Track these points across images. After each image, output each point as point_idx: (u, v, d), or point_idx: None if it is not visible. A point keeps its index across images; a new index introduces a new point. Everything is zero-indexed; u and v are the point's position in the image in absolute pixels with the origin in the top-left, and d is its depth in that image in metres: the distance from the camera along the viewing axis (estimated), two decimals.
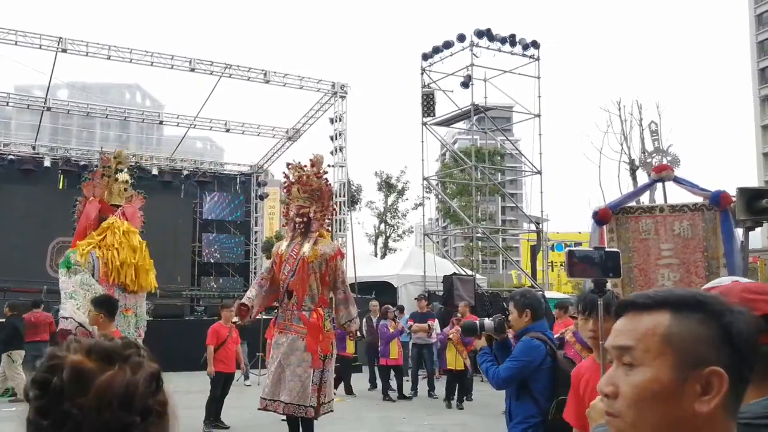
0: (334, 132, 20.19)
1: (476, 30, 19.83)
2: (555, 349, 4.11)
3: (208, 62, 18.33)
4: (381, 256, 35.67)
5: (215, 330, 9.73)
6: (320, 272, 6.98)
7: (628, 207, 5.59)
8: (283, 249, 7.12)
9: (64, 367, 1.03)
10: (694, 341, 1.07)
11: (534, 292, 4.52)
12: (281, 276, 7.05)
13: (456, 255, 51.73)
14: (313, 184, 7.14)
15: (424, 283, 19.14)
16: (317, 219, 7.13)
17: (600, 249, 2.97)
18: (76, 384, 1.02)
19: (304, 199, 7.10)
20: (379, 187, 38.55)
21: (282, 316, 7.06)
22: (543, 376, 4.00)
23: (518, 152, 23.90)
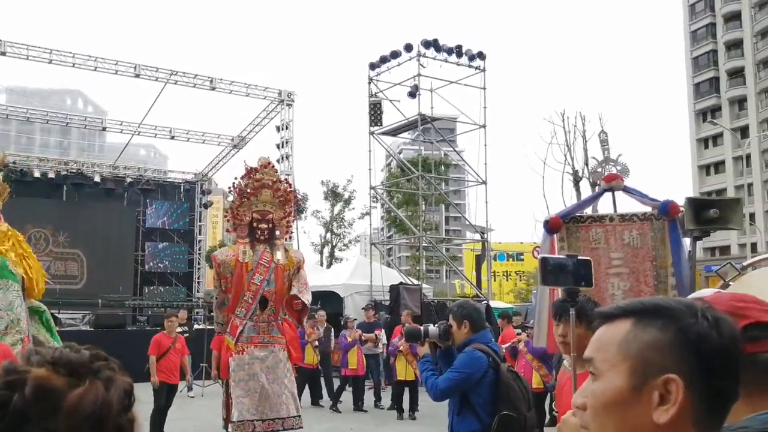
0: (280, 140, 20.07)
1: (423, 40, 20.00)
2: (498, 361, 3.97)
3: (153, 68, 18.02)
4: (327, 265, 35.53)
5: (157, 340, 9.52)
6: (290, 280, 6.82)
7: (578, 216, 5.63)
8: (248, 257, 6.69)
9: (26, 383, 0.89)
10: (650, 348, 1.03)
11: (472, 303, 4.38)
12: (249, 286, 6.63)
13: (401, 264, 51.90)
14: (280, 188, 6.95)
15: (370, 293, 19.11)
16: (282, 226, 6.93)
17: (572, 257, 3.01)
18: (42, 403, 0.88)
19: (272, 205, 6.84)
20: (325, 196, 38.46)
21: (254, 328, 6.65)
22: (485, 389, 3.86)
23: (463, 162, 24.17)
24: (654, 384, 1.01)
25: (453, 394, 3.96)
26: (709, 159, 58.13)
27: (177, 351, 9.70)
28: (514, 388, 3.87)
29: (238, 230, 6.91)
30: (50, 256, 20.11)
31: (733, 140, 50.90)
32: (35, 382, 0.89)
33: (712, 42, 58.57)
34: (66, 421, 0.88)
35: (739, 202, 6.04)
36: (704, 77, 58.57)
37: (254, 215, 6.74)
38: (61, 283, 19.60)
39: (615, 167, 5.52)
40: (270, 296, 6.66)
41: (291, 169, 20.04)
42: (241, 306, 6.64)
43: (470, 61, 20.84)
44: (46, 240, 20.19)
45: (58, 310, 16.53)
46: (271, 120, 20.68)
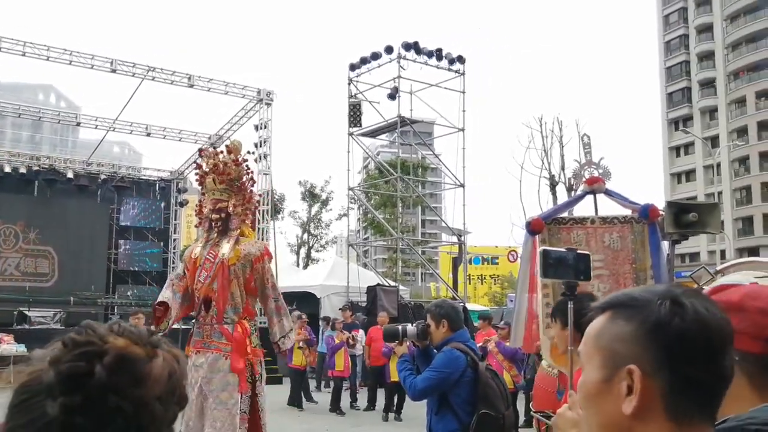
0: (258, 139, 19.90)
1: (404, 42, 20.03)
2: (477, 360, 3.95)
3: (130, 63, 17.76)
4: (304, 266, 35.41)
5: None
6: (244, 277, 5.80)
7: (560, 218, 5.67)
8: (198, 252, 5.90)
9: (106, 353, 0.87)
10: (617, 340, 1.05)
11: (450, 302, 4.39)
12: (196, 285, 5.81)
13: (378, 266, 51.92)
14: (231, 173, 5.95)
15: (347, 294, 19.07)
16: (237, 214, 5.97)
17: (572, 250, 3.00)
18: (126, 373, 0.87)
19: (221, 192, 5.92)
20: (302, 197, 38.38)
21: (198, 332, 5.78)
22: (463, 388, 3.85)
23: (441, 165, 24.22)
24: (620, 375, 1.02)
25: (432, 393, 3.94)
26: (680, 167, 59.38)
27: None
28: (493, 387, 3.87)
29: (202, 224, 6.21)
30: (20, 252, 19.74)
31: (704, 149, 51.87)
32: (117, 352, 0.88)
33: (685, 53, 60.00)
34: (152, 390, 0.88)
35: (717, 207, 6.15)
36: (677, 87, 59.95)
37: (209, 206, 5.96)
38: (31, 280, 19.26)
39: (597, 170, 5.56)
40: (213, 296, 5.71)
41: (269, 168, 19.90)
42: (195, 307, 5.91)
43: (450, 65, 20.92)
44: (16, 236, 19.81)
45: (28, 307, 16.25)
46: (250, 119, 20.51)
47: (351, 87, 21.15)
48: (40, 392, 0.86)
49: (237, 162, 6.00)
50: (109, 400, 0.85)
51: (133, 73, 17.75)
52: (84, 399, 0.84)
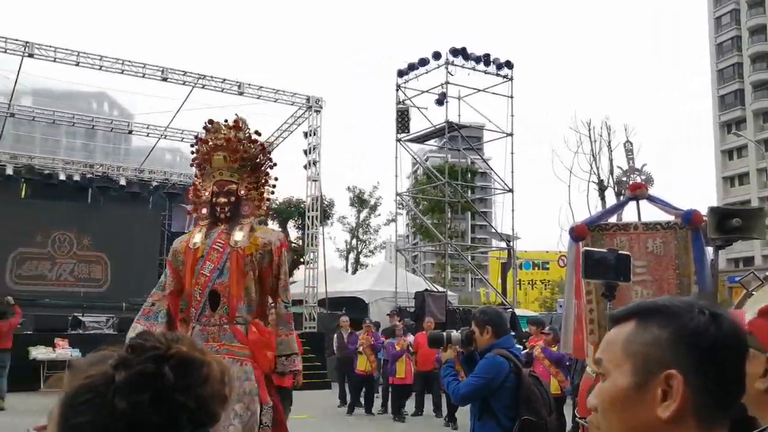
0: (307, 146, 20.08)
1: (452, 48, 20.01)
2: (520, 366, 3.98)
3: (181, 72, 18.10)
4: (352, 271, 35.56)
5: None
6: (261, 270, 4.99)
7: (603, 224, 5.67)
8: (199, 241, 5.00)
9: (172, 357, 0.98)
10: (650, 345, 1.06)
11: (494, 308, 4.44)
12: (198, 279, 4.92)
13: (426, 271, 51.80)
14: (247, 150, 5.11)
15: (395, 299, 19.06)
16: (251, 199, 5.13)
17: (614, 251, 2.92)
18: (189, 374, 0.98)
19: (232, 172, 5.08)
20: (351, 203, 38.58)
21: (201, 334, 4.85)
22: (505, 394, 3.87)
23: (490, 170, 24.02)
24: (656, 381, 1.03)
25: (474, 398, 3.98)
26: (733, 170, 58.19)
27: None
28: (535, 393, 3.88)
29: (198, 210, 5.24)
30: (74, 258, 20.29)
31: (757, 152, 50.71)
32: (181, 356, 0.99)
33: (738, 54, 58.84)
34: (211, 390, 0.99)
35: (762, 212, 6.08)
36: (729, 89, 58.88)
37: (213, 189, 5.07)
38: (85, 286, 19.76)
39: (640, 176, 5.52)
40: (222, 290, 4.85)
41: (318, 175, 20.04)
42: (192, 305, 4.97)
43: (498, 70, 20.83)
44: (70, 243, 20.37)
45: (82, 313, 16.66)
46: (299, 126, 20.70)
47: (399, 93, 21.19)
48: (105, 392, 0.94)
49: (252, 139, 5.18)
50: (175, 398, 0.96)
51: (184, 81, 18.09)
52: (153, 397, 0.95)
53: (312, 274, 19.65)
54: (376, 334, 13.21)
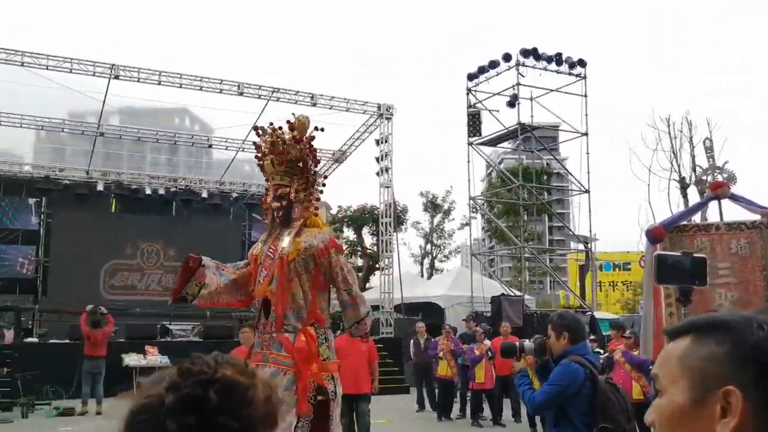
0: (379, 153, 20.28)
1: (522, 49, 19.82)
2: (596, 373, 3.89)
3: (256, 86, 18.63)
4: (427, 276, 35.55)
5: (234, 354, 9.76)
6: (308, 274, 4.82)
7: (682, 225, 5.47)
8: (259, 248, 5.04)
9: (218, 381, 1.02)
10: (708, 361, 1.04)
11: (572, 313, 4.30)
12: (256, 286, 4.93)
13: (503, 275, 51.21)
14: (291, 152, 4.96)
15: (471, 304, 18.99)
16: (300, 201, 4.98)
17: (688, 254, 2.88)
18: (233, 397, 1.01)
19: (282, 175, 4.96)
20: (425, 208, 38.54)
21: (258, 342, 4.90)
22: (582, 401, 3.78)
23: (566, 171, 23.63)
24: (714, 397, 1.01)
25: (550, 406, 3.92)
26: None
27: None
28: (612, 400, 3.78)
29: (267, 216, 5.24)
30: (161, 269, 21.13)
31: None
32: (226, 380, 1.02)
33: None
34: (256, 412, 1.02)
35: None
36: None
37: (271, 193, 5.04)
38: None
39: (721, 175, 5.29)
40: (272, 298, 4.77)
41: (390, 181, 20.21)
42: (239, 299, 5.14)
43: (570, 69, 20.51)
44: (157, 254, 21.23)
45: (169, 321, 17.32)
46: (371, 134, 20.95)
47: (469, 96, 21.13)
48: (158, 413, 0.99)
49: (296, 139, 4.99)
50: (220, 421, 0.99)
51: (259, 95, 18.59)
52: (199, 419, 0.98)
53: (387, 280, 19.81)
54: (455, 339, 13.16)
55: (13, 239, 20.81)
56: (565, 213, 46.77)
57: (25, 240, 20.99)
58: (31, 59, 16.45)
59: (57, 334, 17.20)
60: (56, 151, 22.15)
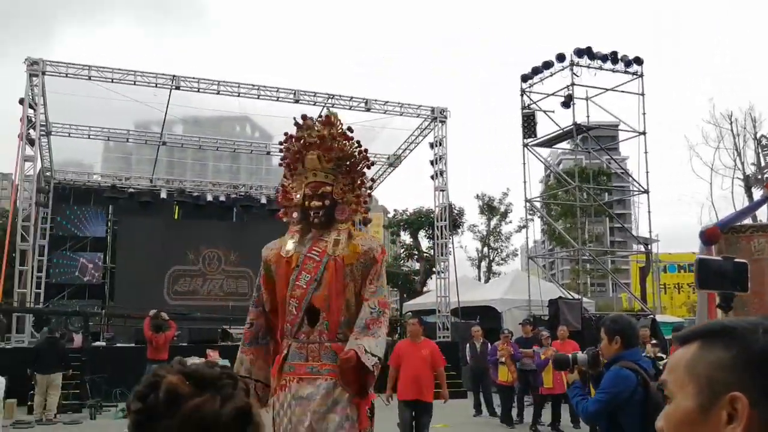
0: (434, 156, 20.32)
1: (576, 49, 19.58)
2: (648, 379, 3.76)
3: (311, 93, 18.93)
4: (484, 280, 35.30)
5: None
6: (361, 280, 4.41)
7: (738, 226, 5.31)
8: (291, 249, 4.50)
9: (162, 385, 1.08)
10: (715, 367, 1.03)
11: (627, 318, 4.17)
12: (293, 291, 4.36)
13: (563, 278, 50.45)
14: (342, 148, 4.58)
15: (529, 308, 18.80)
16: (347, 202, 4.58)
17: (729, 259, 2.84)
18: (169, 403, 1.06)
19: (326, 173, 4.55)
20: (481, 210, 38.29)
21: (299, 353, 4.30)
22: (634, 409, 3.68)
23: (623, 171, 23.19)
24: (720, 403, 1.00)
25: (602, 415, 3.84)
26: None
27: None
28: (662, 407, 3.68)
29: (288, 214, 4.73)
30: (223, 274, 21.65)
31: None
32: (167, 385, 1.08)
33: None
34: (181, 422, 1.05)
35: None
36: None
37: (305, 191, 4.55)
38: (233, 299, 21.01)
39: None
40: (321, 304, 4.31)
41: (445, 184, 20.22)
42: (287, 320, 4.41)
43: (626, 67, 20.14)
44: (219, 260, 21.78)
45: (229, 325, 17.73)
46: (425, 137, 21.02)
47: (524, 98, 20.95)
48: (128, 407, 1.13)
49: (347, 136, 4.63)
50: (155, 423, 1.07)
51: (314, 101, 18.88)
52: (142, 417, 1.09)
53: (443, 283, 19.81)
54: (514, 344, 12.91)
55: (82, 246, 21.68)
56: (627, 214, 45.83)
57: (93, 247, 21.86)
58: (97, 73, 17.11)
59: (123, 338, 17.82)
60: (123, 161, 22.98)
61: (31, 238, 17.18)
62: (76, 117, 19.33)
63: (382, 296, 4.46)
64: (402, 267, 40.09)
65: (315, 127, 4.58)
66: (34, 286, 18.53)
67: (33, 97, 16.81)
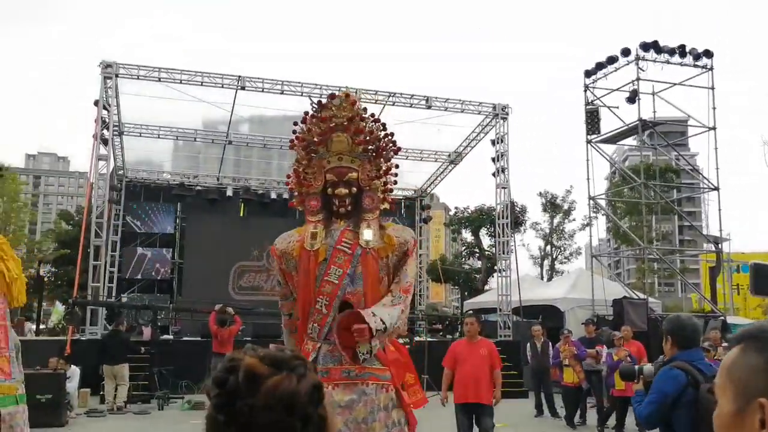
0: (495, 153, 20.18)
1: (642, 43, 19.14)
2: (699, 380, 3.65)
3: (372, 91, 19.05)
4: (547, 278, 34.85)
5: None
6: (392, 273, 4.07)
7: None
8: (318, 243, 4.03)
9: (240, 368, 1.14)
10: (748, 371, 1.04)
11: (683, 318, 4.06)
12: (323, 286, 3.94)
13: (628, 277, 49.31)
14: (373, 131, 4.21)
15: (592, 307, 18.50)
16: (375, 189, 4.18)
17: None
18: (249, 384, 1.12)
19: (353, 158, 4.14)
20: (544, 208, 37.77)
21: (332, 356, 3.88)
22: (685, 410, 3.59)
23: (692, 168, 22.54)
24: (753, 408, 1.01)
25: (655, 416, 3.77)
26: None
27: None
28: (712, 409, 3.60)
29: (305, 203, 4.27)
30: None
31: None
32: (246, 367, 1.14)
33: None
34: (263, 400, 1.11)
35: None
36: None
37: (328, 177, 4.13)
38: None
39: None
40: (357, 301, 3.92)
41: (507, 182, 20.06)
42: (312, 320, 3.96)
43: (695, 61, 19.54)
44: None
45: None
46: (486, 134, 20.89)
47: (587, 94, 20.61)
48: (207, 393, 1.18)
49: (375, 118, 4.28)
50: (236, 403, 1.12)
51: (375, 100, 18.99)
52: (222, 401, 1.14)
53: (505, 282, 19.68)
54: (577, 343, 12.59)
55: (152, 243, 22.42)
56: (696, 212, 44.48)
57: (162, 243, 22.59)
58: (167, 74, 17.67)
59: (190, 332, 18.36)
60: (191, 159, 23.60)
61: (104, 234, 17.89)
62: (146, 117, 20.00)
63: (405, 283, 4.05)
64: (463, 265, 39.95)
65: (344, 106, 4.17)
66: (107, 280, 19.26)
67: (107, 98, 17.47)
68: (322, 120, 4.18)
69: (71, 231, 33.91)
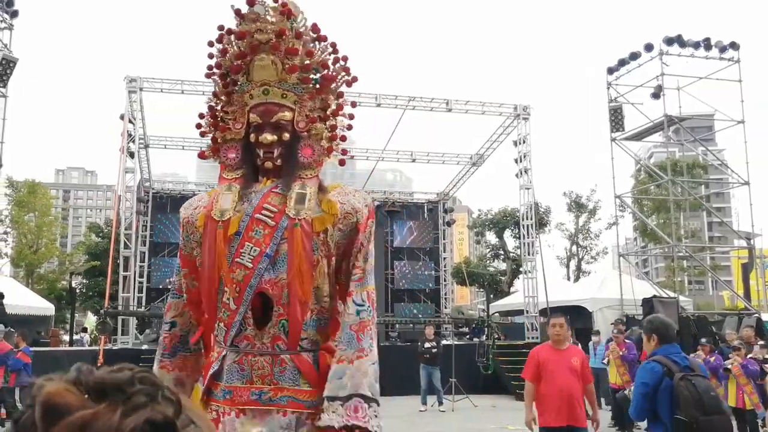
0: (518, 154, 20.06)
1: (665, 37, 18.91)
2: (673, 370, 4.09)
3: (392, 96, 19.07)
4: (574, 279, 34.55)
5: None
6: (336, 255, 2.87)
7: None
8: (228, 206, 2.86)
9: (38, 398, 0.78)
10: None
11: (660, 317, 4.52)
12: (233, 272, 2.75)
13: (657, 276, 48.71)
14: (312, 53, 2.98)
15: (621, 307, 18.30)
16: (317, 135, 3.01)
17: None
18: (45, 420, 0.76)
19: (284, 91, 2.94)
20: (568, 208, 37.47)
21: (237, 370, 2.75)
22: (665, 398, 4.04)
23: (721, 163, 22.21)
24: None
25: (641, 408, 4.16)
26: None
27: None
28: (685, 394, 3.98)
29: (217, 153, 3.12)
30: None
31: None
32: (42, 398, 0.77)
33: None
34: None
35: None
36: None
37: (251, 117, 2.96)
38: None
39: None
40: (277, 293, 2.72)
41: (530, 182, 19.93)
42: (219, 318, 2.84)
43: (721, 53, 19.27)
44: None
45: None
46: (508, 135, 20.79)
47: (610, 91, 20.41)
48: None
49: (321, 36, 3.05)
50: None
51: (396, 104, 19.02)
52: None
53: (531, 283, 19.54)
54: (629, 344, 11.67)
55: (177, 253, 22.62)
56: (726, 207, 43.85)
57: None
58: (189, 87, 17.84)
59: None
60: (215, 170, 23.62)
61: (132, 245, 18.09)
62: (171, 130, 20.25)
63: (370, 286, 2.85)
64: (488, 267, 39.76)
65: (269, 18, 2.92)
66: (137, 290, 19.46)
67: (132, 112, 17.69)
68: (240, 36, 2.93)
69: (101, 243, 34.43)
